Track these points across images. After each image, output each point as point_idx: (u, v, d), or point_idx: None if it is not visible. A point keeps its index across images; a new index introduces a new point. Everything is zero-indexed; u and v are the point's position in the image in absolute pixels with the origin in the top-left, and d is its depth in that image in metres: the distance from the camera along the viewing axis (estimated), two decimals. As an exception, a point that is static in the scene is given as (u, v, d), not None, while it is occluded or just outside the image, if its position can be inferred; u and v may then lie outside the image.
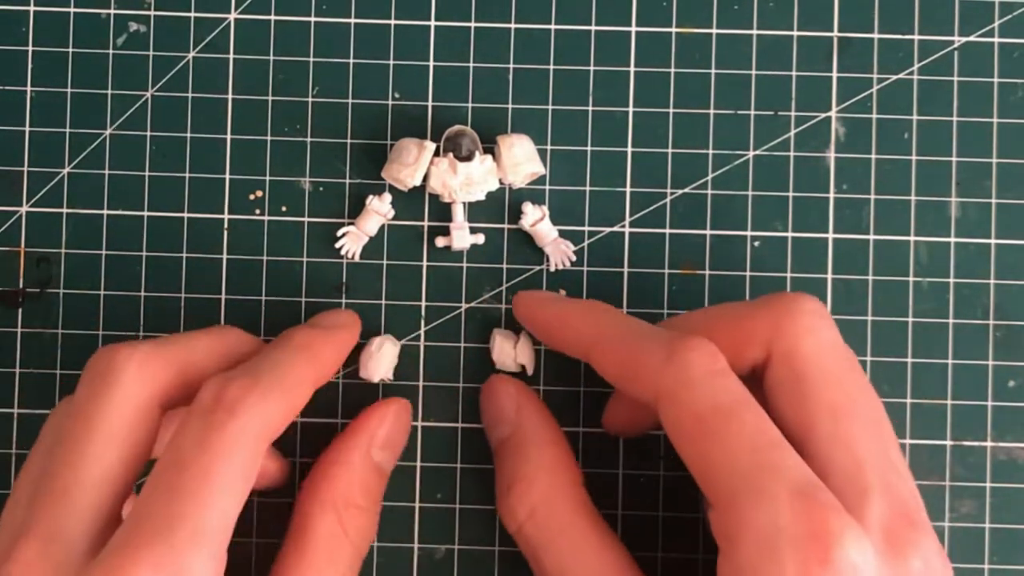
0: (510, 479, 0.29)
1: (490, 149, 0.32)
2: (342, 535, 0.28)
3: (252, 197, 0.33)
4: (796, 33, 0.33)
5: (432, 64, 0.33)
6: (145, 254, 0.33)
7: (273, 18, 0.33)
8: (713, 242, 0.33)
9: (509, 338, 0.32)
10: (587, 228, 0.33)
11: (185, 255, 0.33)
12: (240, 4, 0.33)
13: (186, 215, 0.33)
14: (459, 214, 0.32)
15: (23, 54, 0.33)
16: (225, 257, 0.33)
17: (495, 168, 0.32)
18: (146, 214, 0.33)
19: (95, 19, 0.33)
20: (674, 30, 0.33)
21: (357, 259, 0.33)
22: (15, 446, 0.32)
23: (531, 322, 0.31)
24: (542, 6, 0.33)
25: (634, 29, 0.33)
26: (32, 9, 0.33)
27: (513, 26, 0.33)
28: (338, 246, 0.32)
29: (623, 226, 0.33)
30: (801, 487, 0.24)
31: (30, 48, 0.33)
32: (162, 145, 0.33)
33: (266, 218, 0.33)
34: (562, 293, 0.33)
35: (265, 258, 0.33)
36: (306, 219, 0.33)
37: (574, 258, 0.33)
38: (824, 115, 0.33)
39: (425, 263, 0.33)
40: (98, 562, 0.24)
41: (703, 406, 0.25)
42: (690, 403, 0.25)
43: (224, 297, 0.33)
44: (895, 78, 0.33)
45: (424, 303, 0.33)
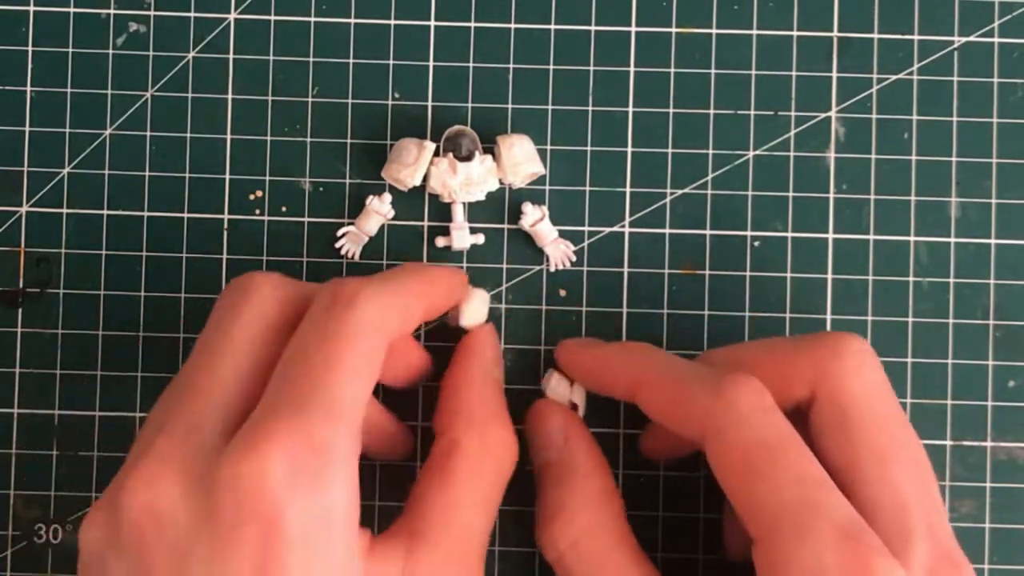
0: (554, 508, 0.29)
1: (490, 149, 0.32)
2: (486, 450, 0.28)
3: (252, 197, 0.33)
4: (796, 33, 0.33)
5: (432, 64, 0.33)
6: (145, 254, 0.33)
7: (273, 18, 0.33)
8: (713, 242, 0.33)
9: (564, 380, 0.32)
10: (587, 228, 0.33)
11: (185, 255, 0.33)
12: (240, 4, 0.33)
13: (186, 215, 0.33)
14: (459, 214, 0.32)
15: (23, 54, 0.33)
16: (225, 257, 0.33)
17: (495, 168, 0.32)
18: (146, 214, 0.33)
19: (95, 19, 0.33)
20: (674, 30, 0.33)
21: (357, 259, 0.33)
22: (15, 446, 0.32)
23: (575, 369, 0.31)
24: (542, 6, 0.33)
25: (634, 29, 0.33)
26: (32, 9, 0.33)
27: (513, 26, 0.33)
28: (338, 246, 0.32)
29: (623, 226, 0.33)
30: (847, 527, 0.24)
31: (30, 48, 0.33)
32: (162, 145, 0.33)
33: (266, 218, 0.33)
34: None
35: (265, 258, 0.33)
36: (306, 219, 0.33)
37: (574, 258, 0.33)
38: (824, 115, 0.33)
39: (425, 263, 0.33)
40: (234, 442, 0.24)
41: (750, 442, 0.25)
42: (736, 439, 0.25)
43: (224, 297, 0.33)
44: (895, 78, 0.33)
45: (424, 303, 0.33)
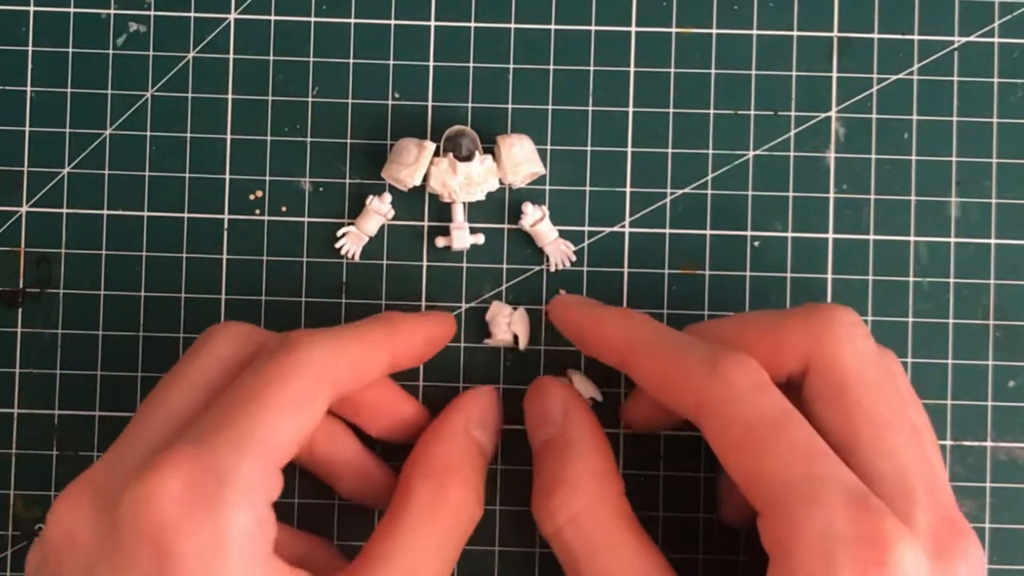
0: (552, 482, 0.28)
1: (490, 149, 0.32)
2: (444, 501, 0.28)
3: (252, 197, 0.33)
4: (796, 33, 0.33)
5: (432, 64, 0.33)
6: (145, 254, 0.33)
7: (273, 18, 0.33)
8: (713, 242, 0.33)
9: (586, 383, 0.32)
10: (587, 228, 0.33)
11: (185, 255, 0.33)
12: (240, 4, 0.33)
13: (186, 215, 0.33)
14: (459, 214, 0.32)
15: (23, 54, 0.33)
16: (225, 257, 0.33)
17: (495, 168, 0.32)
18: (146, 214, 0.33)
19: (95, 19, 0.33)
20: (674, 30, 0.33)
21: (357, 259, 0.33)
22: (15, 446, 0.32)
23: (566, 326, 0.31)
24: (542, 6, 0.33)
25: (634, 29, 0.33)
26: (32, 9, 0.33)
27: (513, 26, 0.33)
28: (338, 246, 0.32)
29: (623, 226, 0.33)
30: (854, 495, 0.24)
31: (30, 48, 0.33)
32: (162, 145, 0.33)
33: (266, 218, 0.33)
34: (563, 291, 0.33)
35: (265, 258, 0.33)
36: (306, 219, 0.33)
37: (574, 258, 0.33)
38: (824, 115, 0.33)
39: (425, 263, 0.33)
40: (142, 465, 0.24)
41: (751, 416, 0.25)
42: (736, 415, 0.25)
43: (224, 297, 0.33)
44: (895, 78, 0.33)
45: (424, 303, 0.33)
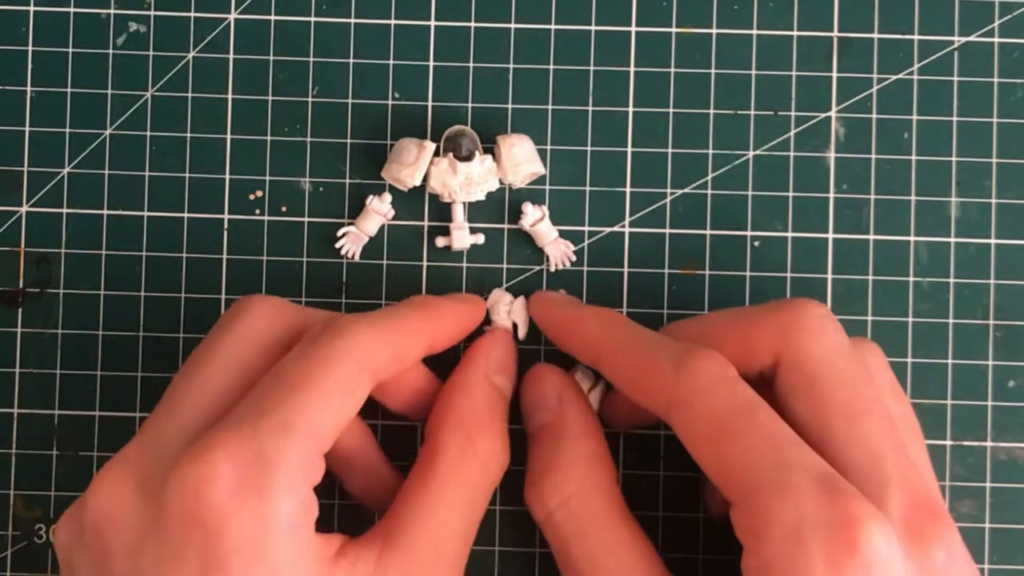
0: (545, 466, 0.29)
1: (490, 149, 0.32)
2: (472, 453, 0.28)
3: (252, 197, 0.33)
4: (796, 33, 0.33)
5: (432, 64, 0.33)
6: (145, 254, 0.33)
7: (273, 18, 0.33)
8: (713, 242, 0.33)
9: (587, 379, 0.32)
10: (587, 228, 0.33)
11: (185, 255, 0.33)
12: (240, 4, 0.33)
13: (186, 215, 0.33)
14: (459, 214, 0.32)
15: (23, 54, 0.33)
16: (225, 257, 0.33)
17: (495, 168, 0.32)
18: (146, 214, 0.33)
19: (95, 19, 0.33)
20: (674, 30, 0.33)
21: (357, 259, 0.33)
22: (15, 446, 0.32)
23: (544, 323, 0.31)
24: (542, 6, 0.33)
25: (634, 29, 0.33)
26: (32, 9, 0.33)
27: (513, 26, 0.33)
28: (338, 246, 0.32)
29: (623, 226, 0.33)
30: (823, 480, 0.24)
31: (30, 48, 0.33)
32: (162, 145, 0.33)
33: (266, 218, 0.33)
34: (558, 291, 0.33)
35: (265, 258, 0.33)
36: (306, 219, 0.33)
37: (574, 258, 0.33)
38: (824, 115, 0.33)
39: (425, 263, 0.33)
40: (186, 450, 0.24)
41: (718, 409, 0.25)
42: (704, 408, 0.25)
43: (224, 297, 0.33)
44: (895, 78, 0.33)
45: (424, 303, 0.33)
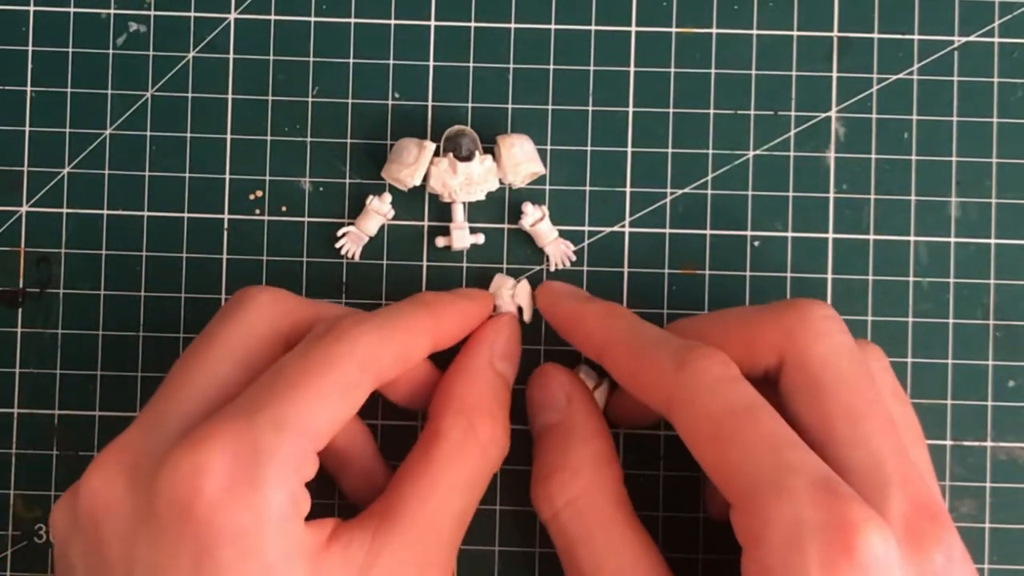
0: (552, 466, 0.29)
1: (490, 149, 0.32)
2: (474, 438, 0.28)
3: (252, 197, 0.33)
4: (796, 33, 0.33)
5: (432, 64, 0.33)
6: (145, 254, 0.33)
7: (273, 18, 0.33)
8: (713, 242, 0.33)
9: (591, 378, 0.32)
10: (587, 228, 0.33)
11: (185, 255, 0.33)
12: (240, 4, 0.33)
13: (186, 215, 0.33)
14: (459, 214, 0.32)
15: (23, 54, 0.33)
16: (225, 257, 0.33)
17: (495, 168, 0.32)
18: (146, 214, 0.33)
19: (95, 19, 0.33)
20: (674, 30, 0.33)
21: (357, 259, 0.33)
22: (15, 446, 0.32)
23: (549, 315, 0.31)
24: (542, 6, 0.33)
25: (634, 29, 0.33)
26: (32, 9, 0.33)
27: (513, 26, 0.33)
28: (338, 246, 0.32)
29: (623, 226, 0.33)
30: (822, 482, 0.24)
31: (30, 48, 0.33)
32: (162, 145, 0.33)
33: (266, 218, 0.33)
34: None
35: (265, 258, 0.33)
36: (306, 219, 0.33)
37: (574, 258, 0.33)
38: (824, 115, 0.33)
39: (425, 263, 0.33)
40: (181, 437, 0.24)
41: (718, 409, 0.25)
42: (705, 407, 0.25)
43: (224, 297, 0.32)
44: (895, 78, 0.33)
45: (424, 303, 0.33)
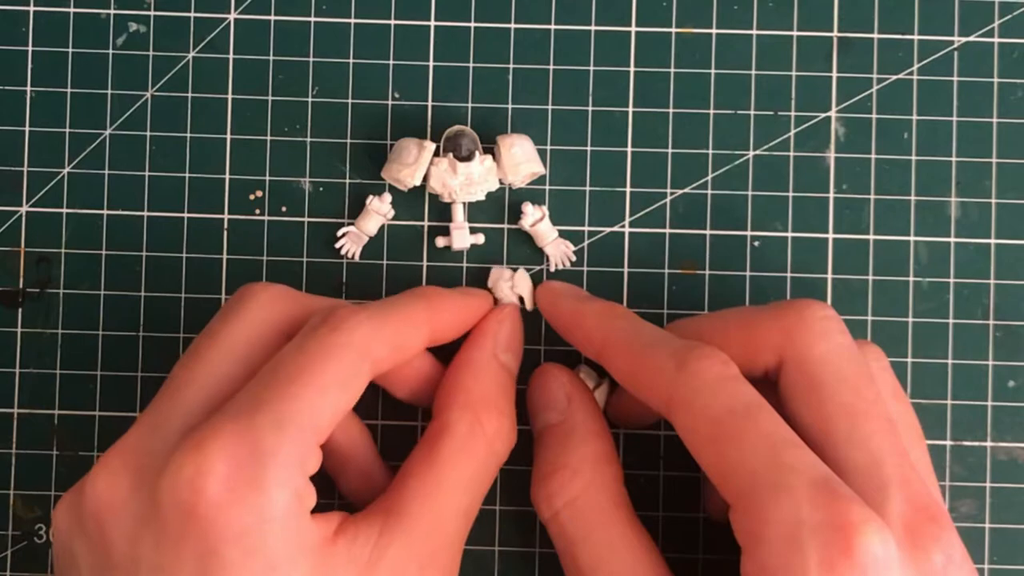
0: (553, 465, 0.29)
1: (490, 149, 0.32)
2: (480, 432, 0.28)
3: (252, 197, 0.33)
4: (796, 33, 0.33)
5: (432, 64, 0.33)
6: (145, 254, 0.33)
7: (273, 18, 0.33)
8: (713, 242, 0.33)
9: (591, 378, 0.32)
10: (587, 228, 0.33)
11: (185, 255, 0.33)
12: (240, 4, 0.33)
13: (186, 215, 0.33)
14: (459, 214, 0.32)
15: (23, 54, 0.33)
16: (225, 257, 0.33)
17: (495, 168, 0.32)
18: (146, 214, 0.33)
19: (95, 19, 0.33)
20: (674, 30, 0.33)
21: (357, 259, 0.33)
22: (15, 446, 0.32)
23: (550, 315, 0.31)
24: (542, 6, 0.33)
25: (634, 29, 0.33)
26: (32, 9, 0.33)
27: (513, 26, 0.33)
28: (338, 246, 0.32)
29: (623, 226, 0.33)
30: (820, 481, 0.24)
31: (30, 48, 0.33)
32: (162, 145, 0.33)
33: (266, 218, 0.33)
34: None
35: (265, 258, 0.33)
36: (306, 219, 0.33)
37: (574, 258, 0.33)
38: (824, 115, 0.33)
39: (425, 263, 0.33)
40: (182, 441, 0.24)
41: (718, 409, 0.25)
42: (704, 408, 0.25)
43: (224, 297, 0.32)
44: (895, 78, 0.33)
45: (424, 303, 0.33)
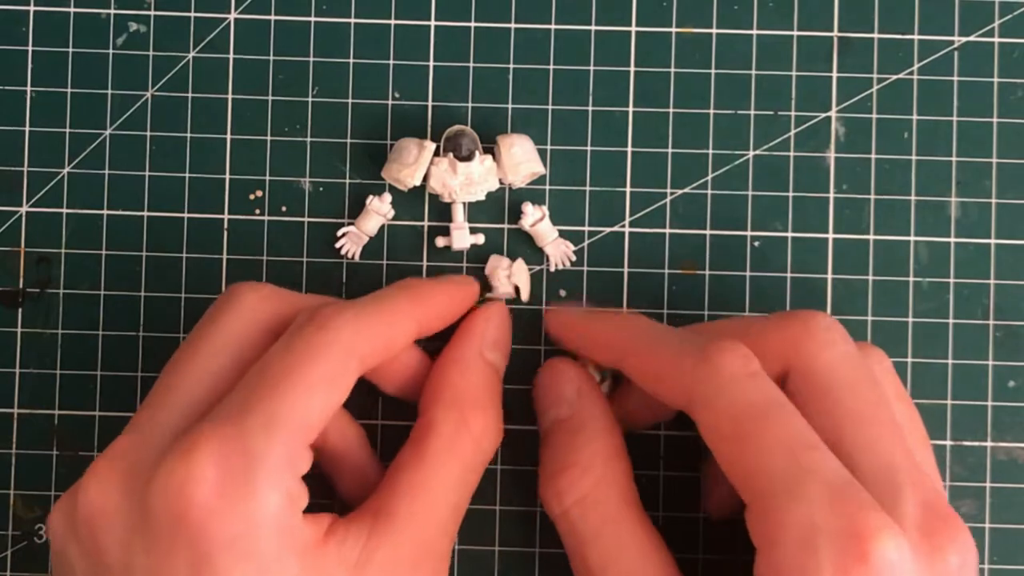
0: (563, 462, 0.29)
1: (490, 149, 0.32)
2: (466, 431, 0.28)
3: (252, 197, 0.33)
4: (796, 33, 0.33)
5: (432, 64, 0.33)
6: (145, 254, 0.33)
7: (273, 18, 0.33)
8: (713, 242, 0.33)
9: (595, 375, 0.32)
10: (587, 228, 0.33)
11: (185, 255, 0.33)
12: (240, 4, 0.33)
13: (186, 215, 0.33)
14: (459, 214, 0.32)
15: (23, 54, 0.33)
16: (225, 257, 0.33)
17: (495, 168, 0.32)
18: (146, 214, 0.33)
19: (95, 19, 0.33)
20: (674, 30, 0.33)
21: (357, 259, 0.33)
22: (15, 446, 0.32)
23: (562, 331, 0.31)
24: (542, 6, 0.33)
25: (634, 29, 0.33)
26: (32, 9, 0.33)
27: (513, 26, 0.33)
28: (338, 246, 0.32)
29: (623, 226, 0.33)
30: (838, 486, 0.24)
31: (30, 48, 0.33)
32: (162, 145, 0.33)
33: (266, 218, 0.33)
34: (559, 292, 0.33)
35: (265, 258, 0.33)
36: (306, 219, 0.33)
37: (574, 258, 0.33)
38: (824, 115, 0.33)
39: (425, 263, 0.33)
40: (172, 447, 0.24)
41: (738, 407, 0.25)
42: (725, 405, 0.25)
43: (224, 297, 0.33)
44: (895, 78, 0.33)
45: (424, 303, 0.33)
